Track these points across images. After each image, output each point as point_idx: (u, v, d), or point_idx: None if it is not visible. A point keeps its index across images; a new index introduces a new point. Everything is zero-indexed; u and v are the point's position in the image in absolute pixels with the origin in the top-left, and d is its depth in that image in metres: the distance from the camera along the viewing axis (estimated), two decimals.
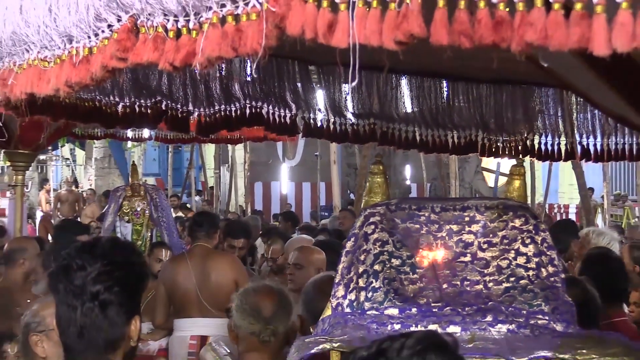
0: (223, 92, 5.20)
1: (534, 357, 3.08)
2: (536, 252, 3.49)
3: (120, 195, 10.18)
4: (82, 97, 4.64)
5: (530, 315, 3.33)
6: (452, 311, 3.32)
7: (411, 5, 1.89)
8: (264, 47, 2.01)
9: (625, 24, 1.78)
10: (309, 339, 3.28)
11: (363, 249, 3.48)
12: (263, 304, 4.42)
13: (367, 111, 5.92)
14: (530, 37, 1.83)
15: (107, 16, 2.28)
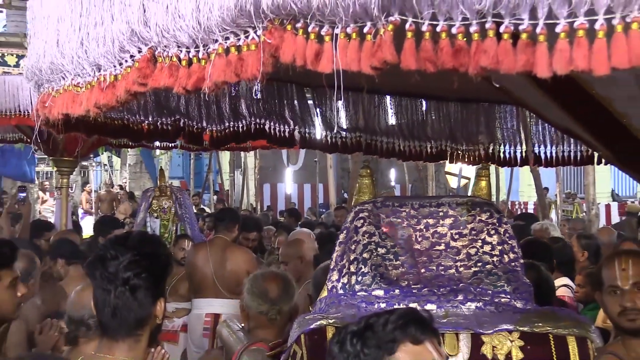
0: (232, 111, 5.21)
1: (498, 330, 3.08)
2: (499, 241, 3.48)
3: (150, 196, 10.21)
4: (112, 117, 4.63)
5: (495, 295, 3.32)
6: (429, 292, 3.31)
7: (384, 36, 1.89)
8: (262, 73, 2.02)
9: (564, 50, 1.79)
10: (308, 317, 3.28)
11: (354, 240, 3.47)
12: (270, 287, 4.43)
13: (354, 126, 5.92)
14: (484, 62, 1.83)
15: (129, 48, 2.28)
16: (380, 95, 5.85)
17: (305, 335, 3.12)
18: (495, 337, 3.09)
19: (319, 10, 1.93)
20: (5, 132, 11.58)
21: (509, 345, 3.08)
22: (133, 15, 2.26)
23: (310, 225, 12.56)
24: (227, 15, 2.05)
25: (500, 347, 3.07)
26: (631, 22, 1.73)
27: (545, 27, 1.80)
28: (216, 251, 8.30)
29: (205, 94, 4.86)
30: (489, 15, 1.83)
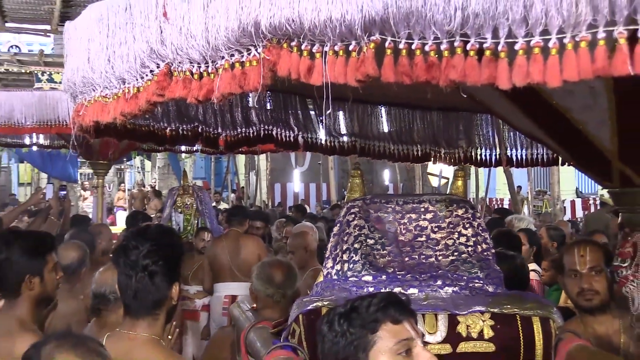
0: (243, 118, 5.20)
1: (472, 311, 3.06)
2: (473, 233, 3.47)
3: (174, 194, 10.17)
4: (140, 123, 4.63)
5: (469, 280, 3.30)
6: (411, 277, 3.29)
7: (367, 53, 1.90)
8: (262, 85, 2.03)
9: (522, 65, 1.80)
10: (306, 299, 3.26)
11: (346, 232, 3.46)
12: (275, 273, 4.43)
13: (350, 131, 5.91)
14: (453, 76, 1.84)
15: (149, 64, 2.29)
16: (373, 105, 5.84)
17: (303, 315, 3.10)
18: (469, 318, 3.06)
19: (310, 31, 1.94)
20: (52, 139, 11.68)
21: (481, 324, 3.05)
22: (152, 35, 2.27)
23: (314, 219, 12.59)
24: (232, 36, 2.06)
25: (474, 326, 3.05)
26: (580, 41, 1.74)
27: (505, 45, 1.81)
28: (231, 242, 8.39)
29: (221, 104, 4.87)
30: (457, 34, 1.83)
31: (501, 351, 3.04)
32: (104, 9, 2.54)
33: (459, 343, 3.03)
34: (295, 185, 28.82)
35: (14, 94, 8.51)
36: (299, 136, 5.61)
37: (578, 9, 1.71)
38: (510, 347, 3.06)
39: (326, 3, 1.91)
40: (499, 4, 1.76)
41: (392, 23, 1.87)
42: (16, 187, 34.09)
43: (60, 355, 2.38)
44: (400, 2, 1.84)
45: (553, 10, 1.72)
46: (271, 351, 3.08)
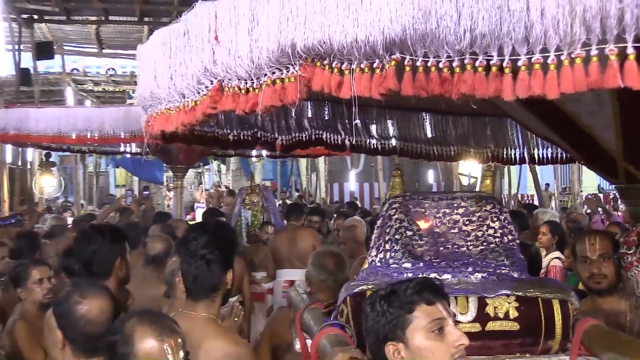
0: (297, 125, 5.20)
1: (498, 294, 3.02)
2: (500, 226, 3.41)
3: (244, 193, 10.25)
4: (205, 130, 4.68)
5: (497, 267, 3.25)
6: (445, 265, 3.25)
7: (388, 70, 1.89)
8: (299, 99, 2.03)
9: (524, 79, 1.78)
10: (353, 283, 3.23)
11: (388, 225, 3.43)
12: (327, 262, 4.45)
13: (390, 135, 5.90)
14: (463, 89, 1.83)
15: (204, 81, 2.31)
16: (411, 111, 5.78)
17: (350, 297, 3.08)
18: (497, 300, 3.02)
19: (339, 51, 1.94)
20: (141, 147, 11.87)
21: (507, 306, 3.01)
22: (205, 56, 2.29)
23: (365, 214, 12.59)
24: (272, 56, 2.08)
25: (500, 308, 3.01)
26: (575, 58, 1.72)
27: (510, 61, 1.79)
28: (289, 234, 8.43)
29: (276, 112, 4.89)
30: (466, 53, 1.82)
31: (524, 330, 3.01)
32: (166, 34, 2.58)
33: (487, 322, 3.00)
34: (351, 184, 28.78)
35: (104, 110, 8.71)
36: (346, 139, 5.59)
37: (573, 29, 1.68)
38: (532, 326, 3.01)
39: (352, 26, 1.91)
40: (503, 25, 1.74)
41: (409, 43, 1.86)
42: (113, 188, 34.73)
43: (140, 329, 2.42)
44: (416, 24, 1.83)
45: (551, 31, 1.70)
46: (322, 328, 3.07)
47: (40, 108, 9.77)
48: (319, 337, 2.98)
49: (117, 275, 3.95)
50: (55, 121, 8.59)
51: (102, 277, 3.85)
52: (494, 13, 1.74)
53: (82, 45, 21.31)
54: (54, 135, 8.68)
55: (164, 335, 2.41)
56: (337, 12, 1.95)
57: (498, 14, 1.74)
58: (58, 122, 8.56)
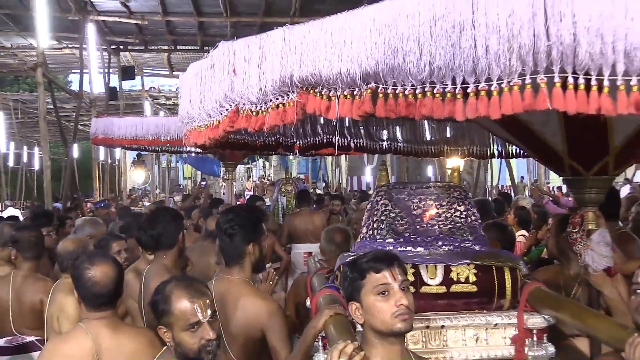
0: (312, 131, 5.13)
1: (461, 263, 3.01)
2: (465, 209, 3.39)
3: (280, 183, 10.30)
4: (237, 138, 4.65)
5: (461, 242, 3.25)
6: (420, 240, 3.24)
7: (365, 97, 1.86)
8: (296, 119, 2.01)
9: (472, 103, 1.74)
10: (346, 254, 3.25)
11: (375, 208, 3.42)
12: (336, 236, 4.41)
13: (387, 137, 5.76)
14: (424, 112, 1.79)
15: (225, 105, 2.30)
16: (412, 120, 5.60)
17: (343, 265, 3.04)
18: (459, 267, 3.01)
19: (327, 81, 1.92)
20: None
21: (467, 272, 2.99)
22: (225, 86, 2.27)
23: None
24: (276, 85, 2.06)
25: (462, 274, 2.99)
26: (513, 85, 1.67)
27: (461, 89, 1.75)
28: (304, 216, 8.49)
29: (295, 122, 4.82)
30: (426, 82, 1.78)
31: (481, 291, 2.99)
32: (198, 67, 2.57)
33: (452, 285, 2.98)
34: (367, 177, 28.63)
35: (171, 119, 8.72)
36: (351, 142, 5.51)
37: (511, 62, 1.64)
38: (487, 288, 3.00)
39: (337, 62, 1.89)
40: (455, 60, 1.70)
41: (381, 75, 1.83)
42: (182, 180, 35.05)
43: (176, 291, 2.42)
44: (387, 60, 1.80)
45: (493, 64, 1.66)
46: (321, 289, 3.09)
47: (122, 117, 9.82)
48: (318, 297, 3.00)
49: (179, 246, 3.95)
50: (133, 127, 8.64)
51: (168, 248, 3.86)
52: (448, 50, 1.71)
53: (157, 68, 21.45)
54: (132, 138, 8.72)
55: (195, 297, 2.41)
56: (325, 50, 1.93)
57: (451, 50, 1.70)
58: (135, 128, 8.61)
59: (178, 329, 2.39)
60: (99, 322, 2.88)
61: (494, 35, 1.64)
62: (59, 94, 16.73)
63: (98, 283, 2.90)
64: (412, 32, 1.76)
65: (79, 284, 2.95)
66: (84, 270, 2.94)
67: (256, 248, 3.32)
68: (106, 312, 2.90)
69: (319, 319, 2.65)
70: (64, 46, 16.38)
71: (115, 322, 2.95)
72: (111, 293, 2.92)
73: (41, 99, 10.72)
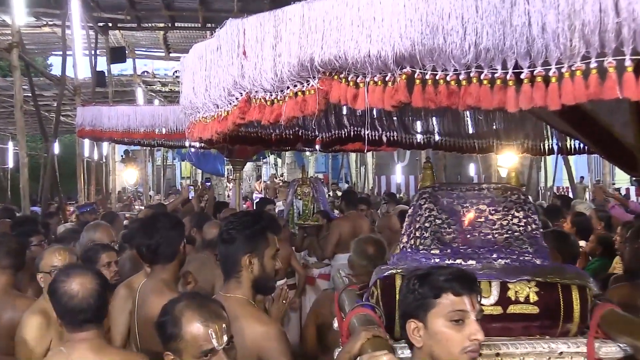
0: (336, 122, 5.15)
1: (520, 279, 3.02)
2: (524, 215, 3.38)
3: (295, 184, 10.30)
4: (249, 130, 4.67)
5: (520, 254, 3.24)
6: (471, 251, 3.25)
7: (399, 83, 1.86)
8: (318, 110, 2.02)
9: (526, 91, 1.74)
10: (383, 267, 3.24)
11: (418, 213, 3.41)
12: (368, 248, 4.43)
13: (425, 129, 5.79)
14: (469, 102, 1.79)
15: (234, 93, 2.31)
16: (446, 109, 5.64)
17: (380, 280, 3.08)
18: (518, 285, 3.02)
19: (354, 65, 1.92)
20: None
21: (528, 290, 3.01)
22: (235, 70, 2.29)
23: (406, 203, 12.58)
24: (293, 70, 2.06)
25: (521, 292, 3.01)
26: (575, 70, 1.66)
27: (513, 75, 1.74)
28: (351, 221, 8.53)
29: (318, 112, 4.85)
30: (472, 66, 1.78)
31: (544, 313, 2.99)
32: (202, 49, 2.59)
33: (509, 305, 2.99)
34: (397, 177, 28.59)
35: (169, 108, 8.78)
36: (383, 135, 5.52)
37: (572, 43, 1.63)
38: (551, 310, 3.00)
39: (365, 42, 1.89)
40: (506, 40, 1.70)
41: (418, 58, 1.83)
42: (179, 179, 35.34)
43: (188, 312, 2.44)
44: (425, 40, 1.80)
45: (552, 45, 1.65)
46: (354, 309, 3.09)
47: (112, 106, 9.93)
48: (350, 317, 3.00)
49: (179, 258, 3.98)
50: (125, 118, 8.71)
51: (167, 260, 3.90)
52: (497, 28, 1.70)
53: (152, 49, 21.64)
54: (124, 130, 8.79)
55: (209, 321, 2.42)
56: (351, 29, 1.92)
57: (501, 29, 1.70)
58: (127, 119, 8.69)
59: (188, 357, 2.40)
60: (82, 345, 2.89)
61: (551, 11, 1.63)
62: (38, 79, 16.92)
63: (75, 297, 2.92)
64: (454, 8, 1.76)
65: (55, 299, 2.97)
66: (59, 283, 2.97)
67: (255, 261, 3.26)
68: (89, 332, 2.92)
69: (354, 343, 2.63)
70: (44, 23, 16.58)
71: (101, 345, 2.96)
72: (92, 309, 2.93)
73: (17, 85, 10.84)
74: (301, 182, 10.33)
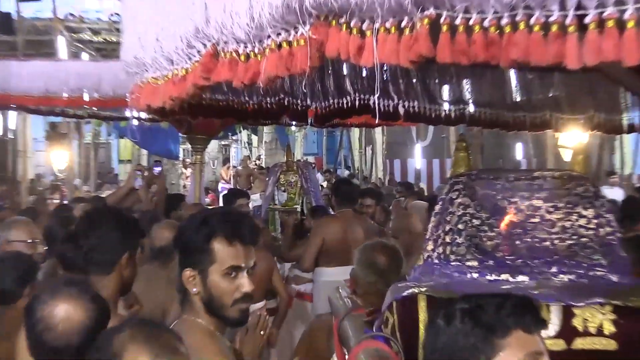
0: (336, 88, 5.14)
1: (590, 302, 3.00)
2: (595, 215, 3.41)
3: (278, 171, 10.29)
4: (218, 98, 4.64)
5: (590, 268, 3.25)
6: (522, 263, 3.27)
7: (420, 30, 1.88)
8: (310, 67, 2.03)
9: (593, 41, 1.75)
10: (401, 285, 3.24)
11: (449, 211, 3.45)
12: (378, 258, 4.41)
13: (457, 99, 5.80)
14: (515, 55, 1.82)
15: (195, 44, 2.32)
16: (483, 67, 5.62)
17: (398, 302, 3.09)
18: (587, 310, 3.01)
19: (357, 6, 1.94)
20: None
21: (601, 318, 3.00)
22: (197, 13, 2.30)
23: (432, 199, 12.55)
24: (276, 13, 2.08)
25: (592, 320, 3.00)
26: None
27: (575, 18, 1.76)
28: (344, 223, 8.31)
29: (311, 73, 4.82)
30: (519, 7, 1.81)
31: (625, 350, 2.99)
32: None
33: (575, 338, 3.00)
34: (417, 161, 28.50)
35: (103, 65, 8.78)
36: (399, 105, 5.52)
37: None
38: (636, 346, 2.99)
39: None
40: None
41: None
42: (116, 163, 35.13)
43: (132, 347, 2.39)
44: None
45: None
46: (361, 341, 3.10)
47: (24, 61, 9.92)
48: (357, 353, 3.03)
49: (120, 273, 3.93)
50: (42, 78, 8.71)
51: (103, 271, 3.87)
52: None
53: None
54: (40, 95, 8.79)
55: (162, 357, 2.44)
56: None
57: None
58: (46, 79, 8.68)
59: None
60: None
61: None
62: None
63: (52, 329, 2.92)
64: None
65: (28, 323, 2.98)
66: (38, 304, 2.98)
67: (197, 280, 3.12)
68: None
69: None
70: None
71: None
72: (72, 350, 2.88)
73: None
74: (285, 168, 10.33)
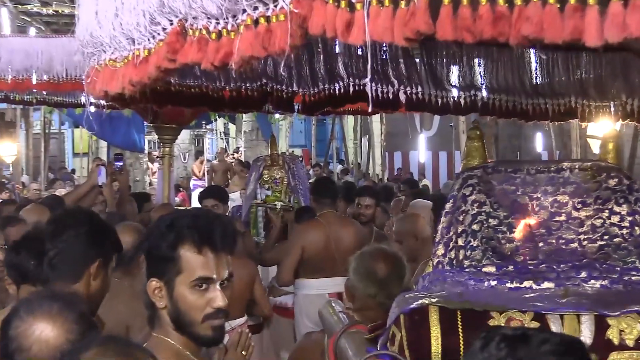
0: (327, 72, 5.13)
1: (627, 311, 2.97)
2: (630, 211, 3.39)
3: (261, 165, 10.24)
4: (189, 84, 4.63)
5: (624, 272, 3.22)
6: (547, 268, 3.24)
7: (418, 3, 1.88)
8: (290, 46, 2.03)
9: (616, 14, 1.75)
10: (408, 295, 3.20)
11: (462, 209, 3.44)
12: (378, 267, 4.40)
13: (468, 84, 5.78)
14: (527, 31, 1.82)
15: (160, 20, 2.32)
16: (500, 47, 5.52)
17: (405, 315, 3.07)
18: (623, 320, 2.98)
19: None
20: None
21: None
22: None
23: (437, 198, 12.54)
24: None
25: (629, 331, 2.97)
26: None
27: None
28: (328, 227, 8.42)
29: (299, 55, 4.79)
30: None
31: None
32: None
33: (610, 353, 2.98)
34: (421, 153, 28.55)
35: (54, 41, 8.74)
36: (401, 92, 5.53)
37: None
38: None
39: None
40: None
41: None
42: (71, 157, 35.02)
43: None
44: None
45: None
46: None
47: None
48: None
49: (87, 283, 3.93)
50: None
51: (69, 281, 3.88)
52: None
53: None
54: None
55: None
56: None
57: None
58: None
59: None
60: None
61: None
62: None
63: (25, 351, 2.95)
64: None
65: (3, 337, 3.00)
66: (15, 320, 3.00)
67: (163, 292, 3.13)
68: None
69: None
70: None
71: None
72: None
73: None
74: (269, 163, 10.30)
